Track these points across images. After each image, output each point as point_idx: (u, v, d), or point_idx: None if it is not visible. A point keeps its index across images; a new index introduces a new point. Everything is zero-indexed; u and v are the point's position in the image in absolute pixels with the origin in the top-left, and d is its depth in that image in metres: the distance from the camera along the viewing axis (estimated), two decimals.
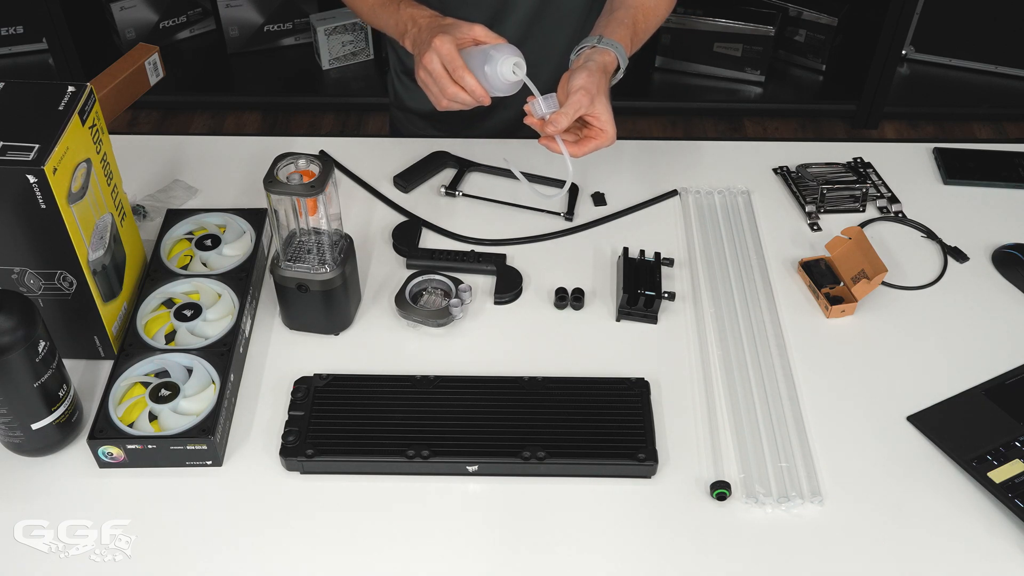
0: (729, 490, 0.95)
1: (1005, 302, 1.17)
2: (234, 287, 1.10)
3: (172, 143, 1.40)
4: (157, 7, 2.87)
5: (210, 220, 1.19)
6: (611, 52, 1.15)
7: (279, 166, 1.02)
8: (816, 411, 1.03)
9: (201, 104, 2.90)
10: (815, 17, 2.81)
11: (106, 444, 0.95)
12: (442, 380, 1.03)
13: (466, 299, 1.12)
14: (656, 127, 2.84)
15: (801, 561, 0.91)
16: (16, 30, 2.89)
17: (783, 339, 1.11)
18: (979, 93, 2.87)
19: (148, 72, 1.41)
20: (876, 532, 0.93)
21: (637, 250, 1.19)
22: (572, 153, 1.09)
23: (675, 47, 2.88)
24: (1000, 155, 1.38)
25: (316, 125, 2.84)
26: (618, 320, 1.13)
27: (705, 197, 1.30)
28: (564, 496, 0.95)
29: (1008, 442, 0.99)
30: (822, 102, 2.85)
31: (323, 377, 1.03)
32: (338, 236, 1.07)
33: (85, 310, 1.02)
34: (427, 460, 0.95)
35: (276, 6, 2.90)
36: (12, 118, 0.94)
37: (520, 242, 1.23)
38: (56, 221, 0.93)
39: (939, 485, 0.97)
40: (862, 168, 1.35)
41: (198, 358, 1.02)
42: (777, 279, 1.19)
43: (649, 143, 1.43)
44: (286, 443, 0.96)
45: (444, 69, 1.09)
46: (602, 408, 1.00)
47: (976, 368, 1.08)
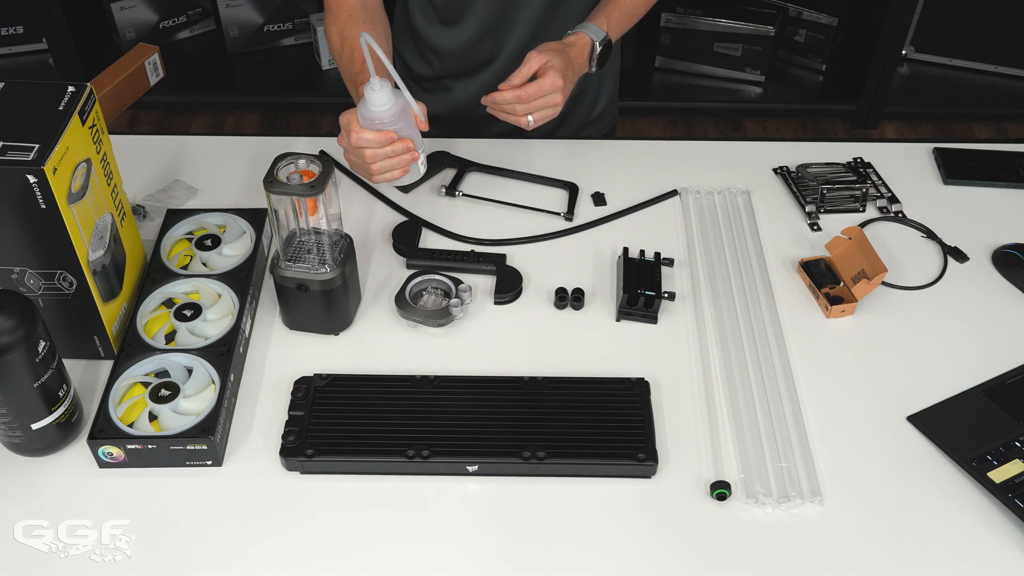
0: (729, 490, 0.95)
1: (1005, 302, 1.17)
2: (234, 287, 1.10)
3: (172, 143, 1.40)
4: (157, 7, 2.87)
5: (210, 220, 1.19)
6: (583, 34, 1.23)
7: (279, 166, 1.02)
8: (816, 411, 1.03)
9: (201, 104, 2.90)
10: (815, 17, 2.81)
11: (106, 444, 0.95)
12: (442, 380, 1.03)
13: (466, 299, 1.12)
14: (656, 127, 2.84)
15: (801, 561, 0.91)
16: (16, 30, 2.89)
17: (783, 339, 1.11)
18: (979, 93, 2.87)
19: (148, 72, 1.41)
20: (876, 532, 0.93)
21: (637, 250, 1.19)
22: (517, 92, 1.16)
23: (675, 47, 2.88)
24: (1000, 155, 1.38)
25: (316, 125, 2.83)
26: (618, 320, 1.13)
27: (705, 197, 1.30)
28: (564, 496, 0.95)
29: (1008, 442, 0.99)
30: (822, 102, 2.85)
31: (323, 377, 1.03)
32: (338, 236, 1.07)
33: (85, 310, 1.02)
34: (427, 460, 0.95)
35: (276, 6, 2.90)
36: (12, 118, 0.94)
37: (520, 242, 1.23)
38: (56, 221, 0.93)
39: (939, 485, 0.97)
40: (862, 168, 1.35)
41: (198, 358, 1.02)
42: (777, 279, 1.19)
43: (649, 143, 1.43)
44: (286, 443, 0.96)
45: (349, 142, 1.10)
46: (602, 408, 1.00)
47: (976, 368, 1.08)
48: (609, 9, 1.28)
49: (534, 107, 1.17)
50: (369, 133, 1.07)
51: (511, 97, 1.16)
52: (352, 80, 1.22)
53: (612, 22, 1.27)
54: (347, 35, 1.24)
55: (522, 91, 1.16)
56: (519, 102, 1.16)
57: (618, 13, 1.28)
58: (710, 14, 2.79)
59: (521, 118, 1.18)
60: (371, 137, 1.07)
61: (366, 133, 1.07)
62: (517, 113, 1.17)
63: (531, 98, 1.16)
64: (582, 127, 1.50)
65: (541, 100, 1.17)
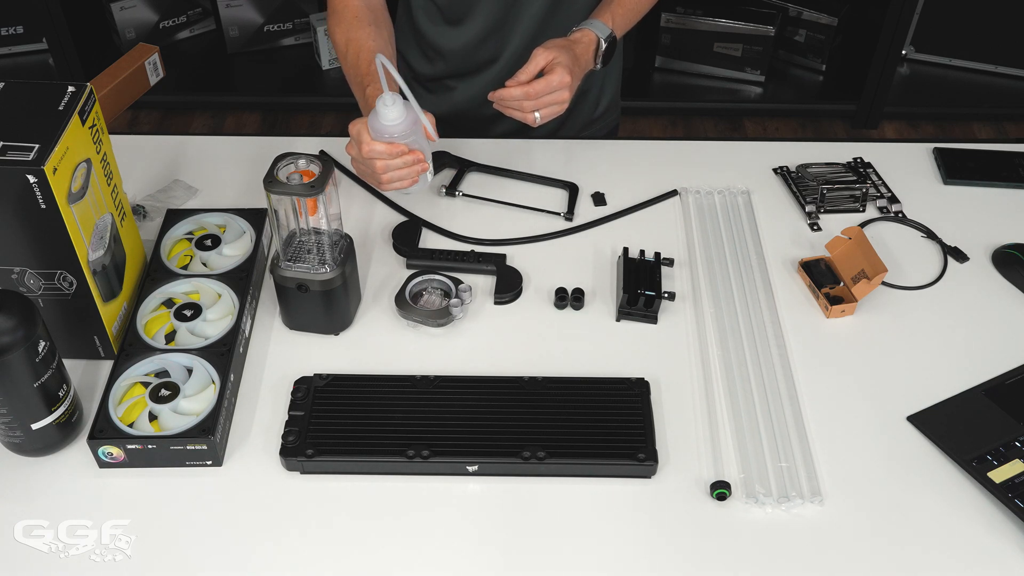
0: (729, 490, 0.95)
1: (1005, 302, 1.17)
2: (234, 287, 1.10)
3: (172, 143, 1.40)
4: (157, 7, 2.87)
5: (210, 220, 1.19)
6: (588, 31, 1.23)
7: (279, 166, 1.02)
8: (816, 411, 1.03)
9: (201, 104, 2.90)
10: (815, 17, 2.81)
11: (106, 444, 0.95)
12: (442, 380, 1.03)
13: (466, 299, 1.12)
14: (656, 127, 2.84)
15: (801, 561, 0.91)
16: (16, 30, 2.89)
17: (783, 339, 1.11)
18: (979, 93, 2.87)
19: (148, 72, 1.41)
20: (876, 532, 0.93)
21: (637, 250, 1.19)
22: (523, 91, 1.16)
23: (675, 47, 2.88)
24: (1000, 155, 1.38)
25: (316, 125, 2.83)
26: (618, 320, 1.13)
27: (705, 197, 1.30)
28: (564, 496, 0.95)
29: (1008, 442, 0.99)
30: (822, 102, 2.85)
31: (323, 377, 1.03)
32: (338, 236, 1.07)
33: (85, 310, 1.02)
34: (427, 460, 0.95)
35: (276, 6, 2.90)
36: (12, 118, 0.94)
37: (520, 242, 1.23)
38: (56, 221, 0.93)
39: (939, 485, 0.97)
40: (862, 168, 1.35)
41: (198, 358, 1.02)
42: (777, 279, 1.19)
43: (649, 143, 1.43)
44: (286, 443, 0.96)
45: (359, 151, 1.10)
46: (602, 408, 1.00)
47: (976, 368, 1.08)
48: (613, 6, 1.28)
49: (542, 103, 1.17)
50: (380, 145, 1.08)
51: (519, 94, 1.16)
52: (359, 82, 1.22)
53: (616, 19, 1.27)
54: (352, 36, 1.24)
55: (530, 88, 1.15)
56: (527, 99, 1.16)
57: (622, 10, 1.28)
58: (710, 14, 2.79)
59: (528, 115, 1.18)
60: (382, 149, 1.08)
61: (377, 145, 1.08)
62: (524, 109, 1.17)
63: (539, 95, 1.16)
64: (585, 126, 1.50)
65: (548, 97, 1.17)
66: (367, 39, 1.24)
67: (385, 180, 1.11)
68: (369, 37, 1.24)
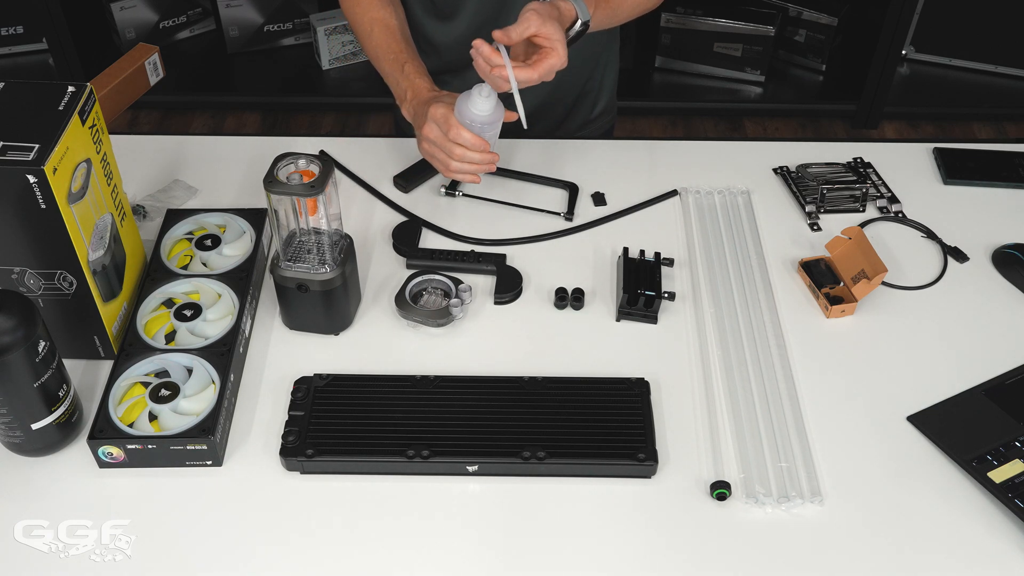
0: (729, 490, 0.95)
1: (1005, 302, 1.17)
2: (234, 287, 1.10)
3: (172, 143, 1.40)
4: (157, 7, 2.87)
5: (210, 220, 1.19)
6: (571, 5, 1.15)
7: (279, 166, 1.02)
8: (816, 411, 1.03)
9: (201, 104, 2.90)
10: (815, 17, 2.81)
11: (106, 444, 0.95)
12: (442, 380, 1.03)
13: (466, 299, 1.12)
14: (656, 127, 2.84)
15: (801, 561, 0.91)
16: (16, 30, 2.89)
17: (783, 339, 1.11)
18: (979, 93, 2.87)
19: (148, 72, 1.41)
20: (876, 532, 0.93)
21: (637, 250, 1.19)
22: (527, 76, 1.09)
23: (675, 47, 2.88)
24: (1000, 155, 1.38)
25: (316, 125, 2.83)
26: (618, 320, 1.13)
27: (705, 197, 1.30)
28: (564, 496, 0.95)
29: (1008, 442, 0.99)
30: (822, 102, 2.85)
31: (323, 377, 1.03)
32: (338, 236, 1.07)
33: (85, 310, 1.02)
34: (427, 460, 0.95)
35: (276, 6, 2.90)
36: (12, 118, 0.94)
37: (520, 242, 1.23)
38: (56, 221, 0.93)
39: (939, 485, 0.97)
40: (862, 168, 1.35)
41: (198, 358, 1.02)
42: (777, 279, 1.19)
43: (649, 143, 1.43)
44: (286, 443, 0.96)
45: (442, 133, 1.12)
46: (602, 408, 1.00)
47: (976, 368, 1.08)
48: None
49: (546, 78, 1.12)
50: (468, 134, 1.11)
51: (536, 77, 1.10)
52: (392, 59, 1.24)
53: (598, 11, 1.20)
54: (376, 16, 1.27)
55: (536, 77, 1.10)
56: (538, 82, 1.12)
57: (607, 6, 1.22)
58: (710, 14, 2.79)
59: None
60: (468, 138, 1.11)
61: (465, 133, 1.11)
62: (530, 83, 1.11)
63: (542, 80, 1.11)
64: (581, 127, 1.50)
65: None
66: (390, 18, 1.27)
67: (455, 169, 1.14)
68: (392, 16, 1.27)
